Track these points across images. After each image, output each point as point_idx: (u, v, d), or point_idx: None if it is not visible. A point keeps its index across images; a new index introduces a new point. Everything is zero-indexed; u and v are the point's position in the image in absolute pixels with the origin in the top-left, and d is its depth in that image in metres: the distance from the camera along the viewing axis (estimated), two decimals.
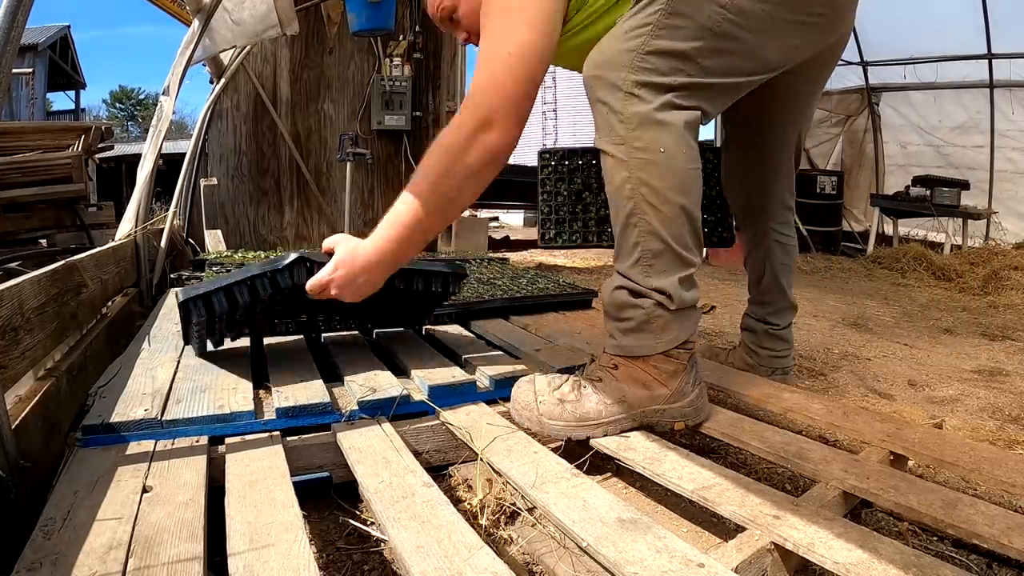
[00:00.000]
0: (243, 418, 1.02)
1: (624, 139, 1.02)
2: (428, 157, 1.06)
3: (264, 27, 2.65)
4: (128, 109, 40.39)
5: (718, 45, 1.01)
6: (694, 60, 1.01)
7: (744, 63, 1.06)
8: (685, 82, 1.02)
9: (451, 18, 1.24)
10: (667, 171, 1.01)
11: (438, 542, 0.72)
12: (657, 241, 1.03)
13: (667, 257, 1.03)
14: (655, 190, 1.01)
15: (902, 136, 6.54)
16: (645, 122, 1.01)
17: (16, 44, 0.76)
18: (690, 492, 0.88)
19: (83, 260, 1.46)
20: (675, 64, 1.01)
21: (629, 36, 1.02)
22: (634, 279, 1.05)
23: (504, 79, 1.02)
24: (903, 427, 1.10)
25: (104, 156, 5.49)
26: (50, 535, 0.70)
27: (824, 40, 1.17)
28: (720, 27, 1.00)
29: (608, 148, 1.04)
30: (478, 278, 2.14)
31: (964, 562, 0.85)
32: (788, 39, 1.08)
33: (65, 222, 3.73)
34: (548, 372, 1.21)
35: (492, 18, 1.07)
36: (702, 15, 1.00)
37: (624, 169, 1.02)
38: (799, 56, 1.14)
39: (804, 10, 1.06)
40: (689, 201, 1.04)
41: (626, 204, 1.03)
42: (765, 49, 1.06)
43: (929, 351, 2.29)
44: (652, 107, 1.01)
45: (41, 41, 13.82)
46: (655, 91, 1.01)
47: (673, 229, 1.03)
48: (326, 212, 4.30)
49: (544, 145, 19.43)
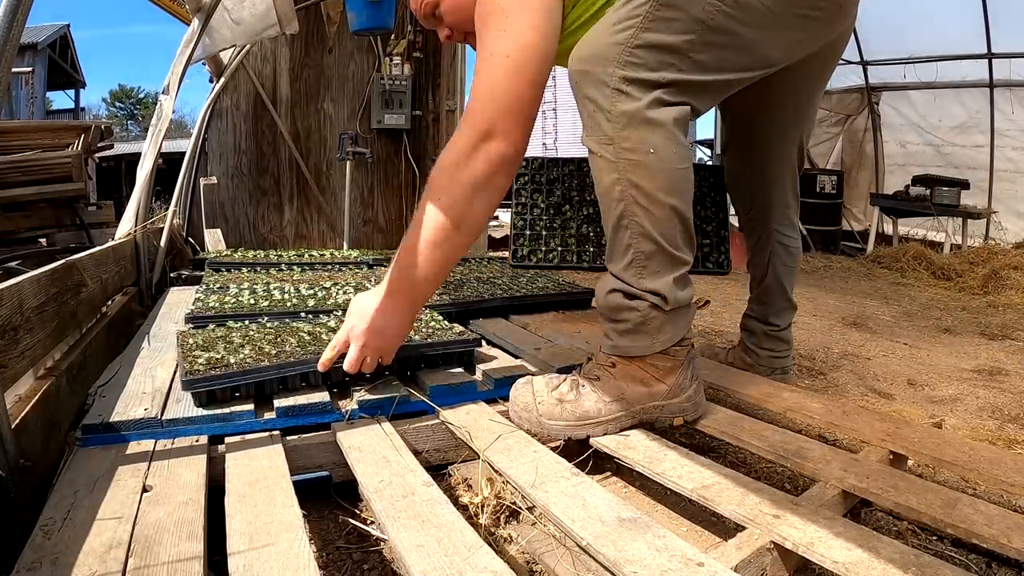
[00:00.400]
0: (243, 417, 1.02)
1: (612, 139, 0.99)
2: (432, 175, 1.02)
3: (264, 26, 2.65)
4: (128, 108, 40.39)
5: (711, 39, 0.98)
6: (686, 54, 0.98)
7: (739, 58, 1.03)
8: (675, 78, 0.99)
9: (434, 14, 1.19)
10: (657, 172, 0.99)
11: (438, 541, 0.72)
12: (649, 243, 1.01)
13: (660, 258, 1.02)
14: (645, 192, 0.99)
15: (902, 135, 6.55)
16: (633, 121, 0.98)
17: (16, 43, 0.76)
18: (689, 491, 0.88)
19: (83, 259, 1.46)
20: (665, 59, 0.98)
21: (617, 29, 0.99)
22: (628, 281, 1.04)
23: (504, 84, 0.98)
24: (902, 426, 1.10)
25: (104, 155, 5.49)
26: (50, 535, 0.70)
27: (826, 35, 1.14)
28: (714, 20, 0.97)
29: (596, 148, 1.02)
30: (478, 277, 2.14)
31: (963, 561, 0.85)
32: (789, 33, 1.05)
33: (65, 221, 3.72)
34: (548, 371, 1.21)
35: (489, 19, 1.02)
36: (696, 7, 0.96)
37: (613, 171, 1.00)
38: (800, 52, 1.12)
39: (806, 3, 1.03)
40: (680, 201, 1.02)
41: (617, 206, 1.02)
42: (764, 44, 1.03)
43: (929, 350, 2.29)
44: (641, 105, 0.98)
45: (41, 40, 13.81)
46: (643, 87, 0.98)
47: (665, 230, 1.01)
48: (326, 211, 4.30)
49: (544, 145, 19.19)
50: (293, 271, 2.12)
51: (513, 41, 0.99)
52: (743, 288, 1.64)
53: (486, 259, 2.69)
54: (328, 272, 2.14)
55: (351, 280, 1.96)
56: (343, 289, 1.74)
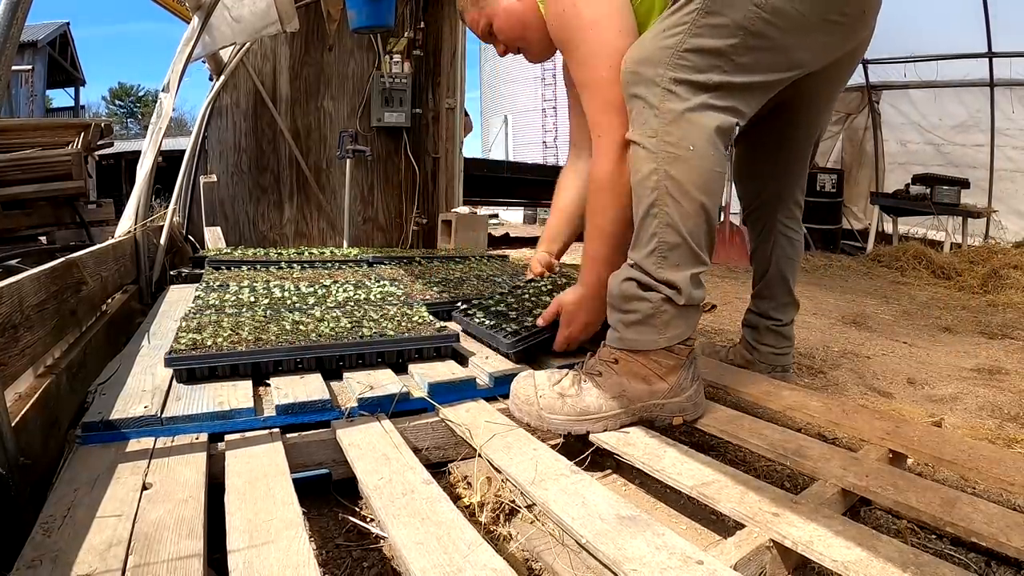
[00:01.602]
0: (243, 415, 1.02)
1: (656, 132, 1.04)
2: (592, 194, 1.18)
3: (264, 24, 2.65)
4: (128, 106, 40.34)
5: (752, 43, 1.04)
6: (729, 57, 1.04)
7: (776, 60, 1.08)
8: (721, 80, 1.04)
9: (490, 32, 1.33)
10: (694, 168, 1.03)
11: (437, 539, 0.72)
12: (674, 234, 1.05)
13: (682, 251, 1.05)
14: (679, 184, 1.03)
15: (902, 134, 6.54)
16: (680, 118, 1.03)
17: (16, 41, 0.76)
18: (689, 488, 0.88)
19: (83, 257, 1.46)
20: (711, 61, 1.04)
21: (667, 34, 1.05)
22: (647, 269, 1.06)
23: (617, 98, 1.10)
24: (902, 425, 1.11)
25: (104, 153, 5.48)
26: (50, 532, 0.70)
27: (849, 40, 1.19)
28: (755, 25, 1.03)
29: (640, 140, 1.07)
30: (478, 275, 2.15)
31: (963, 560, 0.85)
32: (818, 37, 1.10)
33: (65, 219, 3.72)
34: (547, 368, 1.21)
35: (572, 35, 1.14)
36: (738, 13, 1.02)
37: (652, 161, 1.05)
38: (827, 55, 1.16)
39: (833, 9, 1.08)
40: (710, 201, 1.05)
41: (649, 195, 1.06)
42: (797, 48, 1.09)
43: (929, 349, 2.29)
44: (688, 105, 1.03)
45: (41, 38, 13.80)
46: (692, 89, 1.04)
47: (691, 225, 1.05)
48: (326, 209, 4.29)
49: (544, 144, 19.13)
50: (293, 269, 2.12)
51: (606, 53, 1.11)
52: (743, 287, 1.65)
53: (486, 257, 2.69)
54: (328, 270, 2.14)
55: (351, 278, 1.96)
56: (343, 287, 1.74)
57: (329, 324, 1.34)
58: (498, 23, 1.30)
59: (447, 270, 2.25)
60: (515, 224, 12.34)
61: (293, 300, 1.58)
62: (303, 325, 1.32)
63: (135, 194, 2.13)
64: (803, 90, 1.30)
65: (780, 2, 1.02)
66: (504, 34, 1.31)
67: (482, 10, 1.32)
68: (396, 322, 1.38)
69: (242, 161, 4.14)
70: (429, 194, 4.46)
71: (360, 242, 4.29)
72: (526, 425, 1.08)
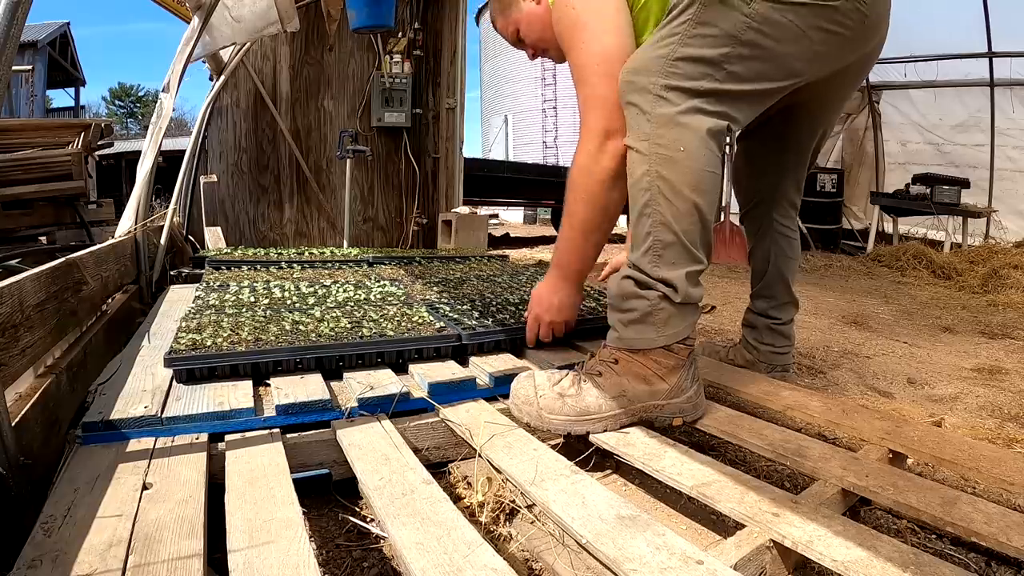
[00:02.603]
0: (243, 415, 1.02)
1: (649, 136, 1.07)
2: (571, 180, 1.23)
3: (264, 24, 2.65)
4: (128, 106, 40.31)
5: (743, 52, 1.05)
6: (720, 66, 1.05)
7: (769, 69, 1.09)
8: (712, 87, 1.06)
9: (518, 38, 1.39)
10: (685, 168, 1.05)
11: (438, 539, 0.72)
12: (668, 232, 1.06)
13: (676, 249, 1.06)
14: (671, 184, 1.05)
15: (902, 134, 6.54)
16: (671, 122, 1.06)
17: (16, 41, 0.76)
18: (689, 488, 0.88)
19: (83, 257, 1.46)
20: (703, 70, 1.06)
21: (660, 44, 1.08)
22: (643, 268, 1.08)
23: (603, 90, 1.15)
24: (902, 425, 1.11)
25: (104, 153, 5.48)
26: (50, 532, 0.70)
27: (854, 50, 1.19)
28: (745, 35, 1.04)
29: (634, 144, 1.10)
30: (478, 275, 2.15)
31: (963, 560, 0.85)
32: (812, 47, 1.10)
33: (65, 219, 3.72)
34: (548, 369, 1.21)
35: (570, 34, 1.19)
36: (728, 24, 1.04)
37: (645, 163, 1.07)
38: (825, 65, 1.16)
39: (826, 19, 1.08)
40: (703, 201, 1.06)
41: (643, 195, 1.08)
42: (790, 57, 1.09)
43: (929, 349, 2.29)
44: (679, 109, 1.05)
45: (41, 38, 13.80)
46: (683, 95, 1.06)
47: (684, 224, 1.06)
48: (326, 209, 4.30)
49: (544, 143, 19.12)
50: (293, 269, 2.12)
51: (599, 48, 1.16)
52: (743, 287, 1.65)
53: (486, 257, 2.70)
54: (328, 270, 2.15)
55: (351, 278, 1.97)
56: (343, 287, 1.74)
57: (329, 324, 1.34)
58: (523, 28, 1.36)
59: (447, 270, 2.26)
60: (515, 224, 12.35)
61: (293, 300, 1.58)
62: (303, 325, 1.32)
63: (135, 194, 2.13)
64: (811, 95, 1.31)
65: (770, 12, 1.03)
66: (529, 38, 1.37)
67: (508, 17, 1.38)
68: (396, 322, 1.38)
69: (242, 161, 4.15)
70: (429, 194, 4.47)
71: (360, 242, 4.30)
72: (526, 425, 1.08)
